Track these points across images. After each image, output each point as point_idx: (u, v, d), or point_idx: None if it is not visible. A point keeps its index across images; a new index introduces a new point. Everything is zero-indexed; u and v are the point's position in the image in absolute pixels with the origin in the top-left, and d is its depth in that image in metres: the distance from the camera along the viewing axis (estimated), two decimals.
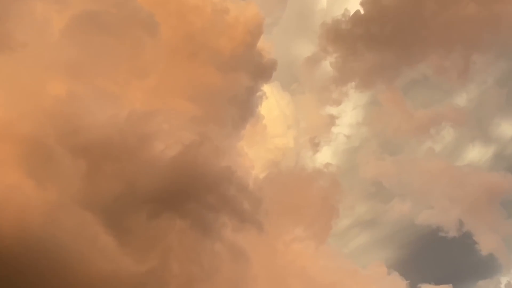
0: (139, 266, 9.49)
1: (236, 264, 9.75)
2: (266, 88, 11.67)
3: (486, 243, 13.21)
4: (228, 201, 9.84)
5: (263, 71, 10.85)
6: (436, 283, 12.78)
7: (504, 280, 14.86)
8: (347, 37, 11.20)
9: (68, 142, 9.45)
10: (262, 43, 10.88)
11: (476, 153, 18.96)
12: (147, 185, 9.72)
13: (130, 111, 10.08)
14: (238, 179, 10.01)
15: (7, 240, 9.19)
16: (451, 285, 12.26)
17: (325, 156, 15.15)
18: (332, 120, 13.77)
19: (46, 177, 9.69)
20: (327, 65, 12.94)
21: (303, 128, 13.96)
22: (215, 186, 9.75)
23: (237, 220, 9.82)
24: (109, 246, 9.53)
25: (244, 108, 10.73)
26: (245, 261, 9.90)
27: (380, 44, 11.50)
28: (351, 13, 12.08)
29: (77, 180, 9.96)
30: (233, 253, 9.75)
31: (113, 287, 9.62)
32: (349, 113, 16.22)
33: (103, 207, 9.53)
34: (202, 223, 9.67)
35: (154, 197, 9.66)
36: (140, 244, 9.85)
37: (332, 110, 13.99)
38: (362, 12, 11.87)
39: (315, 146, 13.54)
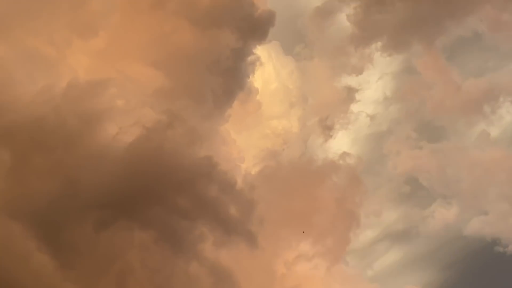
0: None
1: None
2: (261, 51, 8.89)
3: None
4: (208, 206, 7.38)
5: (256, 27, 8.32)
6: None
7: None
8: None
9: None
10: None
11: None
12: (94, 185, 7.27)
13: (70, 80, 7.62)
14: (222, 175, 7.55)
15: None
16: None
17: (341, 144, 11.66)
18: (350, 94, 10.56)
19: None
20: (344, 18, 10.00)
21: (311, 106, 10.61)
22: (189, 184, 7.32)
23: (221, 230, 7.37)
24: (45, 267, 7.10)
25: (230, 78, 8.21)
26: (232, 287, 7.31)
27: None
28: None
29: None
30: (216, 276, 7.23)
31: None
32: (373, 85, 12.30)
33: (35, 215, 7.11)
34: (171, 236, 7.32)
35: (103, 200, 7.25)
36: (87, 265, 7.49)
37: (351, 80, 10.68)
38: None
39: (328, 130, 10.35)
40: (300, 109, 10.87)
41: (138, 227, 7.76)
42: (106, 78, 7.73)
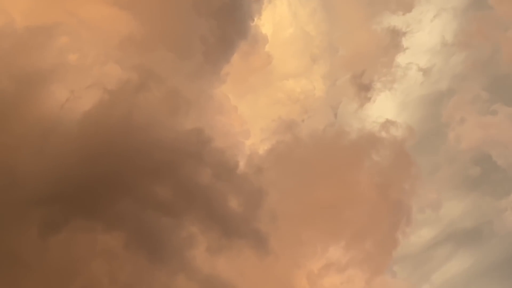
0: None
1: None
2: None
3: None
4: (199, 197, 5.48)
5: None
6: None
7: None
8: None
9: None
10: None
11: None
12: (37, 172, 5.32)
13: (2, 27, 5.64)
14: (218, 154, 5.64)
15: None
16: None
17: (384, 110, 8.71)
18: (395, 40, 7.70)
19: None
20: None
21: (341, 59, 7.87)
22: (171, 168, 5.40)
23: (217, 231, 5.44)
24: None
25: (227, 20, 5.96)
26: None
27: None
28: None
29: None
30: None
31: None
32: (427, 26, 9.06)
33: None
34: (148, 239, 5.42)
35: (51, 193, 5.29)
36: (34, 284, 5.50)
37: (396, 20, 7.83)
38: None
39: (365, 91, 7.65)
40: (326, 64, 8.32)
41: (101, 228, 5.88)
42: (53, 23, 5.93)
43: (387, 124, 7.62)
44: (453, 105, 8.77)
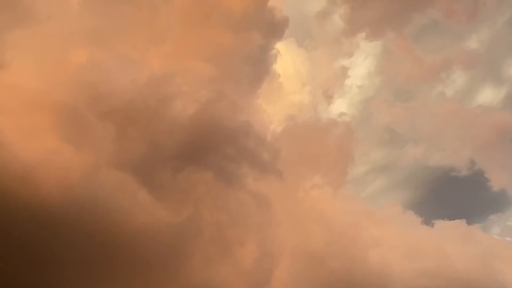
0: (175, 217, 10.36)
1: (260, 210, 10.42)
2: (280, 45, 11.92)
3: (498, 179, 13.91)
4: (247, 153, 10.45)
5: (275, 29, 11.19)
6: (450, 219, 13.42)
7: None
8: None
9: (96, 108, 10.17)
10: (273, 1, 10.92)
11: (488, 95, 19.08)
12: (170, 143, 10.42)
13: (150, 75, 10.60)
14: (256, 132, 10.56)
15: (50, 200, 10.17)
16: (464, 220, 12.80)
17: (339, 107, 15.70)
18: (344, 72, 14.18)
19: (82, 142, 10.58)
20: (337, 18, 13.13)
21: (317, 82, 14.48)
22: (233, 139, 10.35)
23: (257, 170, 10.44)
24: (146, 201, 10.39)
25: (258, 66, 11.03)
26: (268, 208, 10.57)
27: None
28: None
29: (108, 143, 10.78)
30: (257, 200, 10.43)
31: (152, 237, 10.60)
32: (361, 63, 16.62)
33: (134, 166, 10.27)
34: (224, 174, 10.41)
35: (177, 153, 10.41)
36: (173, 198, 10.69)
37: (345, 62, 14.32)
38: None
39: (329, 98, 14.18)
40: (310, 86, 14.33)
41: (202, 170, 10.93)
42: (174, 71, 10.86)
43: (342, 115, 13.56)
44: (375, 103, 15.79)
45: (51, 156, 10.38)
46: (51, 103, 10.45)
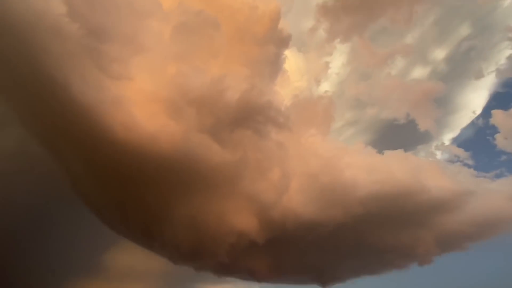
0: (232, 157, 17.73)
1: (280, 151, 18.03)
2: (287, 52, 18.18)
3: (423, 124, 22.76)
4: (270, 118, 16.52)
5: (283, 42, 17.30)
6: (394, 149, 20.83)
7: (434, 143, 26.00)
8: (331, 10, 17.84)
9: (184, 99, 17.47)
10: (281, 24, 16.53)
11: (418, 72, 26.98)
12: (226, 117, 17.37)
13: (212, 77, 16.29)
14: (275, 106, 16.45)
15: (161, 152, 17.70)
16: (402, 149, 20.62)
17: (324, 87, 23.57)
18: (327, 65, 22.19)
19: (178, 119, 18.04)
20: (321, 31, 20.64)
21: (310, 73, 21.71)
22: (261, 111, 16.48)
23: (277, 128, 17.86)
24: (216, 149, 16.85)
25: (274, 66, 17.52)
26: (284, 149, 18.24)
27: (352, 10, 18.11)
28: None
29: (193, 119, 18.31)
30: (277, 145, 17.97)
31: (219, 170, 18.39)
32: (337, 59, 24.68)
33: (208, 131, 17.60)
34: (258, 132, 17.16)
35: (231, 122, 16.95)
36: (231, 147, 18.17)
37: (327, 58, 22.34)
38: None
39: (318, 82, 22.10)
40: (305, 76, 21.40)
41: (245, 130, 18.30)
42: (225, 74, 17.77)
43: (326, 91, 21.23)
44: (347, 83, 23.17)
45: (162, 128, 18.12)
46: (159, 97, 18.01)
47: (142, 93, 17.50)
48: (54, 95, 14.52)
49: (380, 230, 19.16)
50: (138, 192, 20.04)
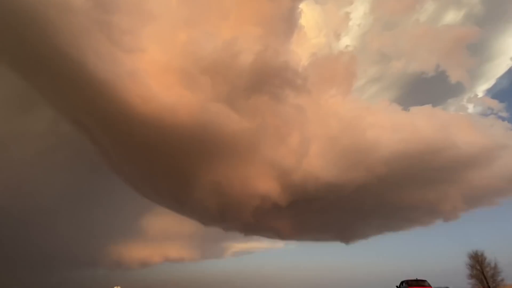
0: (250, 124, 18.09)
1: (299, 114, 17.69)
2: (303, 5, 17.08)
3: (455, 75, 20.61)
4: (287, 81, 16.31)
5: None
6: (421, 105, 19.93)
7: (466, 96, 24.97)
8: None
9: (197, 66, 17.33)
10: None
11: (451, 16, 24.17)
12: (241, 82, 17.11)
13: (223, 41, 15.85)
14: (292, 67, 16.28)
15: (178, 121, 18.01)
16: (430, 104, 19.14)
17: (345, 42, 21.96)
18: (347, 16, 20.10)
19: (192, 87, 18.05)
20: None
21: (329, 27, 19.89)
22: (277, 73, 16.02)
23: (295, 90, 17.34)
24: (233, 117, 17.82)
25: (289, 22, 16.40)
26: (303, 112, 17.86)
27: None
28: None
29: (207, 87, 18.21)
30: (296, 109, 17.63)
31: (238, 137, 18.62)
32: (358, 8, 22.45)
33: (224, 99, 17.80)
34: (275, 96, 17.19)
35: (246, 87, 16.88)
36: (248, 114, 18.19)
37: (347, 9, 19.60)
38: None
39: (338, 36, 19.95)
40: (324, 30, 20.02)
41: (261, 95, 18.19)
42: (236, 36, 17.30)
43: (347, 46, 20.58)
44: (369, 35, 20.97)
45: (179, 99, 18.26)
46: (172, 67, 17.87)
47: (156, 64, 17.44)
48: (73, 73, 14.75)
49: (404, 188, 18.95)
50: (164, 161, 20.99)
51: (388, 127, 17.11)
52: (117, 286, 6.23)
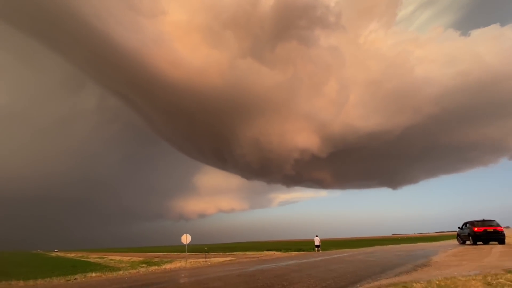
0: (283, 77, 17.65)
1: (334, 58, 16.30)
2: None
3: None
4: (316, 20, 15.51)
5: None
6: (484, 27, 16.48)
7: None
8: None
9: (220, 21, 16.80)
10: None
11: None
12: (263, 32, 16.58)
13: None
14: (321, 2, 15.16)
15: (207, 82, 18.12)
16: (498, 23, 15.63)
17: None
18: None
19: (218, 45, 17.61)
20: None
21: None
22: (304, 13, 15.14)
23: (327, 30, 15.82)
24: (264, 72, 17.87)
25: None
26: (339, 55, 16.32)
27: None
28: None
29: (233, 43, 17.64)
30: (330, 51, 16.17)
31: (272, 91, 18.29)
32: None
33: (251, 54, 17.44)
34: (303, 40, 16.24)
35: (270, 37, 16.63)
36: (279, 66, 17.68)
37: None
38: None
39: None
40: None
41: (288, 42, 17.30)
42: None
43: None
44: None
45: (207, 59, 18.12)
46: (195, 25, 17.42)
47: (179, 25, 17.43)
48: (102, 46, 15.31)
49: (460, 127, 17.18)
50: (203, 123, 21.85)
51: (441, 60, 14.83)
52: (186, 234, 7.22)
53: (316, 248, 10.75)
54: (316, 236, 11.25)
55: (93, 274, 5.04)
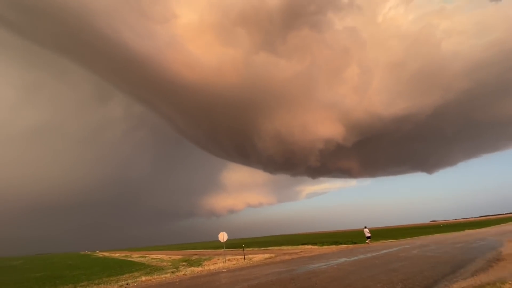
0: (301, 67, 17.19)
1: (352, 40, 15.57)
2: None
3: None
4: (327, 2, 15.00)
5: None
6: None
7: None
8: None
9: (230, 18, 16.64)
10: None
11: None
12: (271, 24, 16.13)
13: None
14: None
15: (224, 80, 17.96)
16: None
17: None
18: None
19: (231, 43, 17.45)
20: None
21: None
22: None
23: (340, 12, 15.07)
24: (281, 64, 17.46)
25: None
26: (358, 36, 15.58)
27: None
28: None
29: (244, 39, 17.38)
30: (347, 33, 15.55)
31: (291, 82, 17.87)
32: None
33: (264, 47, 17.15)
34: (315, 25, 15.72)
35: (280, 28, 16.22)
36: (294, 56, 17.25)
37: None
38: None
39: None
40: None
41: (299, 30, 16.81)
42: None
43: None
44: None
45: (221, 57, 17.97)
46: (206, 24, 17.33)
47: (190, 26, 17.62)
48: (120, 55, 15.72)
49: (497, 100, 15.76)
50: (223, 121, 21.93)
51: (471, 31, 13.71)
52: (223, 232, 7.19)
53: (367, 240, 10.37)
54: (365, 227, 10.89)
55: (143, 278, 5.14)
